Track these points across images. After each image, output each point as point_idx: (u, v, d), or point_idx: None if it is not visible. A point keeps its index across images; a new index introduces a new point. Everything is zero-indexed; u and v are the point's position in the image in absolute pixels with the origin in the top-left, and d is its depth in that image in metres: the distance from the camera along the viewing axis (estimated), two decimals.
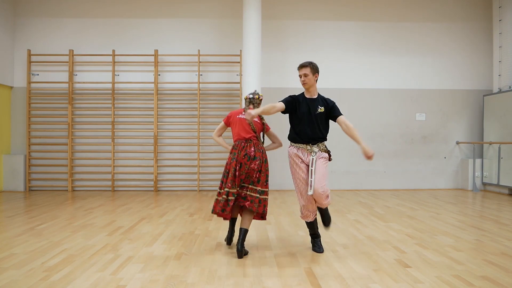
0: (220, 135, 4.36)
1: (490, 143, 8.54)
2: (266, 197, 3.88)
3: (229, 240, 4.14)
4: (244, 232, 3.75)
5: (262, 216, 3.96)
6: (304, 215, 3.94)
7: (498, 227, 5.08)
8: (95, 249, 3.97)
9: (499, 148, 8.27)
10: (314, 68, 3.90)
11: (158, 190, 8.71)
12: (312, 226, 3.98)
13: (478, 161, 8.77)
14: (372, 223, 5.32)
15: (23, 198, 7.58)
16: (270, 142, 4.29)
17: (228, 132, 4.69)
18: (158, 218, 5.63)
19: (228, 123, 4.25)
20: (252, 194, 3.85)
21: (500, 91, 8.55)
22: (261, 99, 4.24)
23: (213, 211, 3.96)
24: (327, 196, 3.73)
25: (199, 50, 8.61)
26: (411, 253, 3.88)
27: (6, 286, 2.99)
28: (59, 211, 6.16)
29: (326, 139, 3.94)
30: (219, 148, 8.77)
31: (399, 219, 5.55)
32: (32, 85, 8.71)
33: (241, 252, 3.69)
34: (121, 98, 8.74)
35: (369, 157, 3.58)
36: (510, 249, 4.04)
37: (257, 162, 3.89)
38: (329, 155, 3.96)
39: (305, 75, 3.89)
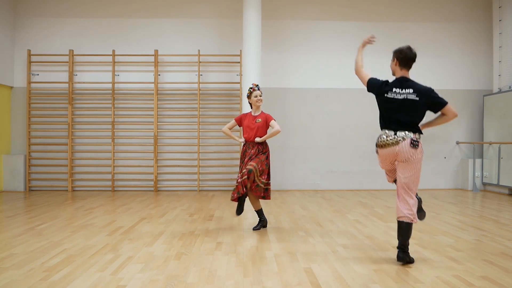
0: (230, 129, 5.16)
1: (490, 143, 8.53)
2: (269, 187, 4.89)
3: (239, 210, 4.86)
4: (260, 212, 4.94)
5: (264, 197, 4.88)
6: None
7: (498, 227, 5.08)
8: (95, 249, 3.97)
9: (499, 148, 8.27)
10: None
11: (158, 190, 8.71)
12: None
13: (478, 161, 8.77)
14: (372, 223, 5.32)
15: (23, 198, 7.58)
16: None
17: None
18: (158, 218, 5.63)
19: (240, 123, 5.07)
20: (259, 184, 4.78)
21: (500, 91, 8.55)
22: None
23: (233, 199, 4.74)
24: None
25: (199, 50, 8.61)
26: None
27: (6, 286, 2.99)
28: (59, 211, 6.16)
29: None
30: (219, 148, 8.77)
31: None
32: (32, 85, 8.71)
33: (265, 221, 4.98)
34: (121, 98, 8.74)
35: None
36: (510, 249, 4.04)
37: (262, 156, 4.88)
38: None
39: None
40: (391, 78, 3.87)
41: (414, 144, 3.48)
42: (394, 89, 3.57)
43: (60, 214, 5.86)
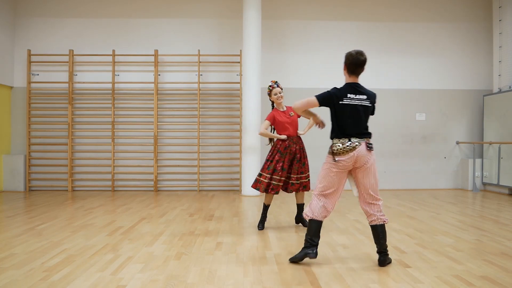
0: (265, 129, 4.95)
1: (490, 143, 8.54)
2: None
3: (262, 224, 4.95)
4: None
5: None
6: None
7: (498, 227, 5.08)
8: (95, 249, 3.97)
9: (499, 148, 8.27)
10: None
11: (158, 190, 8.71)
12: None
13: (478, 161, 8.77)
14: None
15: (23, 198, 7.58)
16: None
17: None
18: (158, 218, 5.63)
19: (273, 122, 4.93)
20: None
21: (500, 91, 8.55)
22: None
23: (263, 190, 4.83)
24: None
25: (199, 50, 8.61)
26: (411, 253, 3.88)
27: (6, 286, 2.99)
28: (59, 211, 6.16)
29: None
30: (219, 148, 8.77)
31: (399, 219, 5.55)
32: (32, 85, 8.71)
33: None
34: (121, 98, 8.75)
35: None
36: (510, 249, 4.04)
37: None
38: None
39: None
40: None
41: (370, 147, 3.50)
42: (348, 95, 3.49)
43: (60, 214, 5.86)
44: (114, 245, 4.15)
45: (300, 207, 5.11)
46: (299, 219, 5.18)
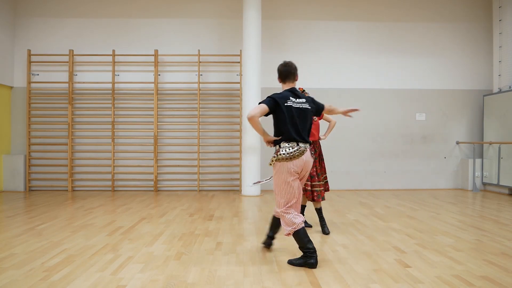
0: None
1: (490, 143, 8.54)
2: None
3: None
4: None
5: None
6: None
7: (498, 227, 5.08)
8: (95, 249, 3.97)
9: (499, 148, 8.27)
10: None
11: (158, 190, 8.71)
12: None
13: (478, 161, 8.77)
14: (372, 223, 5.31)
15: (23, 198, 7.58)
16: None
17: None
18: (158, 218, 5.63)
19: None
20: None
21: (500, 91, 8.55)
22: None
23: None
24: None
25: (199, 50, 8.61)
26: (411, 253, 3.88)
27: (6, 286, 2.99)
28: (59, 211, 6.16)
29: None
30: (219, 148, 8.77)
31: (399, 219, 5.55)
32: (32, 85, 8.71)
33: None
34: (121, 98, 8.74)
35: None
36: (510, 249, 4.04)
37: None
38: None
39: None
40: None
41: (312, 153, 3.54)
42: (291, 98, 3.52)
43: (60, 214, 5.86)
44: (114, 245, 4.15)
45: (318, 211, 4.89)
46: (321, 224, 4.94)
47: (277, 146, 3.51)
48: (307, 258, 3.44)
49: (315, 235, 4.60)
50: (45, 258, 3.68)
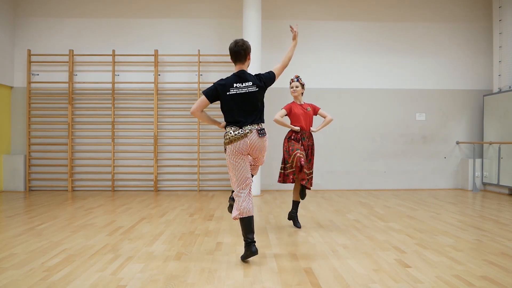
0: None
1: (490, 143, 8.54)
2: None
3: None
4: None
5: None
6: None
7: (498, 227, 5.08)
8: (95, 249, 3.97)
9: (499, 148, 8.27)
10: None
11: (158, 190, 8.71)
12: None
13: (478, 161, 8.77)
14: (372, 223, 5.32)
15: (23, 198, 7.58)
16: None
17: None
18: (158, 218, 5.63)
19: (289, 112, 5.03)
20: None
21: (500, 91, 8.55)
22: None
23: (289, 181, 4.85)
24: None
25: (199, 50, 8.61)
26: (411, 253, 3.88)
27: (6, 286, 2.99)
28: (59, 211, 6.16)
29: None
30: (219, 148, 8.77)
31: (399, 219, 5.55)
32: (32, 85, 8.71)
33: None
34: (121, 98, 8.74)
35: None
36: (510, 249, 4.04)
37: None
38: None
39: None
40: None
41: (261, 133, 3.56)
42: (235, 85, 3.60)
43: (60, 214, 5.86)
44: (114, 245, 4.15)
45: (296, 204, 5.10)
46: (292, 216, 5.14)
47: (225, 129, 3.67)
48: (248, 246, 3.51)
49: (315, 235, 4.60)
50: (45, 258, 3.68)
